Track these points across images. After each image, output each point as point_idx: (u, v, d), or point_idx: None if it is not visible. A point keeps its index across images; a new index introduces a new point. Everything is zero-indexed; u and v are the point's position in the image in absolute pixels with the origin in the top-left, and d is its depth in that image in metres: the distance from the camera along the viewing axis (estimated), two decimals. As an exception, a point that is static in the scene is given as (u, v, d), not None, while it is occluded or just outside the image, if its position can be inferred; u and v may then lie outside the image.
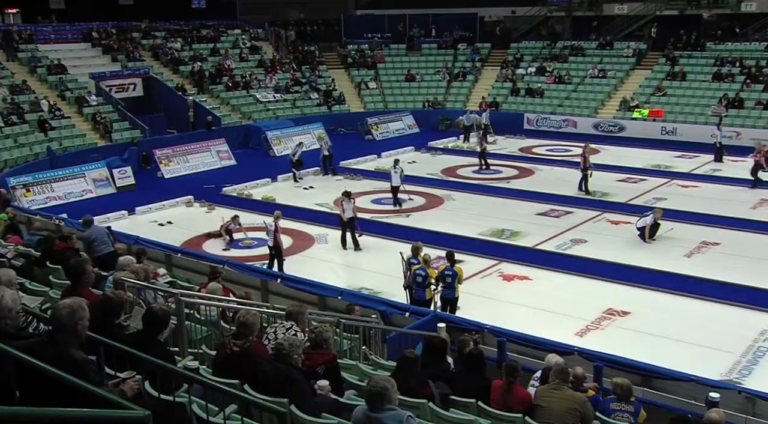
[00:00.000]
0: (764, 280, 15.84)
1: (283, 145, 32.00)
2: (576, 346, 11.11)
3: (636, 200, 22.99)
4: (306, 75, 41.00)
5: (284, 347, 6.25)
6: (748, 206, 22.06)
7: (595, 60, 40.84)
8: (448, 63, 43.67)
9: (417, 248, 14.57)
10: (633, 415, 7.87)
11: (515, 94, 39.95)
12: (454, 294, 13.66)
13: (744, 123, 32.87)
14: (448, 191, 24.40)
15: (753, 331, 13.47)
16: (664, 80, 37.53)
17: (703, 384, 9.73)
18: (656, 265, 17.01)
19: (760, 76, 35.46)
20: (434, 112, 39.09)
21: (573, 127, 35.95)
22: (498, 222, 20.62)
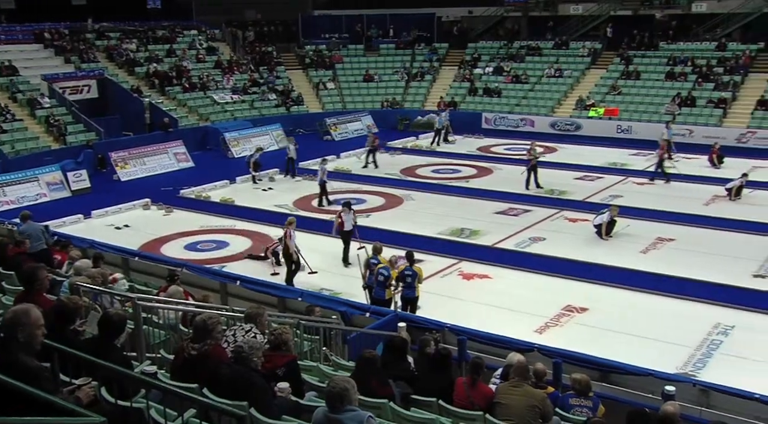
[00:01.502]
0: (717, 274, 16.19)
1: (241, 147, 31.78)
2: (536, 343, 11.20)
3: (593, 198, 23.30)
4: (264, 76, 40.75)
5: (244, 349, 6.21)
6: (701, 203, 22.48)
7: (551, 60, 41.29)
8: (406, 63, 43.79)
9: (377, 248, 14.60)
10: (592, 410, 7.96)
11: (473, 93, 40.19)
12: (415, 294, 13.71)
13: (696, 121, 33.50)
14: (408, 191, 24.46)
15: (707, 324, 13.74)
16: (618, 79, 38.07)
17: (659, 378, 9.88)
18: (613, 261, 17.26)
19: (710, 75, 36.17)
20: (393, 113, 39.16)
21: (530, 127, 36.28)
22: (457, 221, 20.73)
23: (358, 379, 6.37)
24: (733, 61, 36.63)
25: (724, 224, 20.08)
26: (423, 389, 7.57)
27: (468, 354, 10.21)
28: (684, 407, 8.73)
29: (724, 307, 14.60)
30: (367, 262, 14.41)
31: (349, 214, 17.60)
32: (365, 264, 14.43)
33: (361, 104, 40.22)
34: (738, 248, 18.20)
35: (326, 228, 20.10)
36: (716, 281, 15.83)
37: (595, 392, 8.53)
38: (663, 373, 10.30)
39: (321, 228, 20.24)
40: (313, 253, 18.19)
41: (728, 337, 13.31)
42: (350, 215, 17.63)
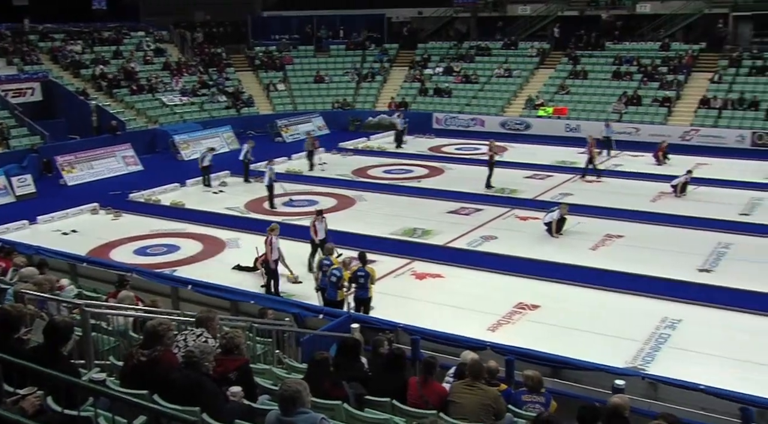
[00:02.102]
0: (664, 269, 16.49)
1: (191, 149, 31.43)
2: (488, 341, 11.31)
3: (543, 196, 23.58)
4: (213, 77, 40.37)
5: (194, 354, 6.13)
6: (648, 199, 22.92)
7: (500, 60, 41.68)
8: (356, 64, 43.78)
9: (329, 249, 14.58)
10: (544, 406, 8.05)
11: (423, 94, 40.37)
12: (368, 294, 13.73)
13: (642, 119, 34.14)
14: (360, 192, 24.45)
15: (655, 318, 14.00)
16: (566, 79, 38.61)
17: (609, 373, 10.06)
18: (564, 258, 17.48)
19: (655, 74, 36.93)
20: (344, 114, 39.11)
21: (481, 126, 36.57)
22: (409, 221, 20.80)
23: (310, 381, 6.35)
24: (677, 60, 37.45)
25: (671, 220, 20.50)
26: (377, 390, 7.57)
27: (421, 353, 10.27)
28: (633, 400, 8.89)
29: (671, 301, 14.88)
30: (319, 263, 14.38)
31: (321, 223, 17.10)
32: (318, 266, 14.39)
33: (312, 105, 40.07)
34: (684, 243, 18.59)
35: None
36: (663, 276, 16.13)
37: (547, 388, 8.63)
38: (613, 367, 10.49)
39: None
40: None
41: (675, 330, 13.58)
42: (323, 224, 17.11)
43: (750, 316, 14.24)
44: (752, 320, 14.06)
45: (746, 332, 13.55)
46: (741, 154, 29.84)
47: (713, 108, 33.83)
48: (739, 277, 16.08)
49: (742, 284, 15.62)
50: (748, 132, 31.77)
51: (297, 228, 19.51)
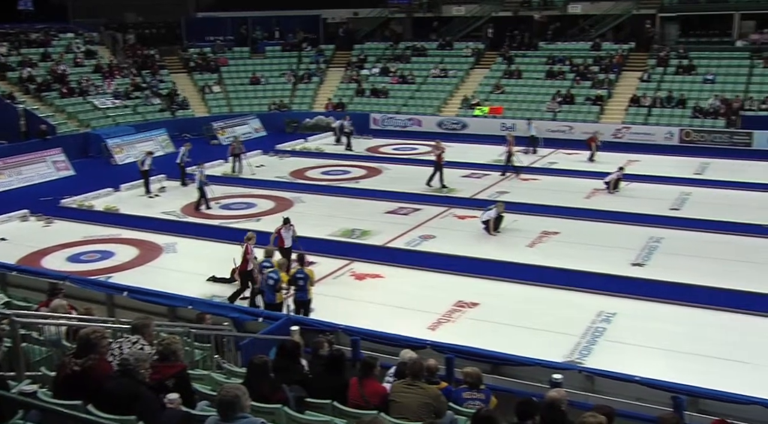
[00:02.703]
0: (599, 264, 16.87)
1: (125, 153, 30.83)
2: (428, 339, 11.36)
3: (480, 195, 23.84)
4: (146, 80, 39.67)
5: (130, 362, 6.02)
6: (582, 196, 23.37)
7: (436, 60, 42.02)
8: (292, 65, 43.58)
9: (269, 251, 14.49)
10: (484, 402, 8.12)
11: (360, 94, 40.42)
12: (307, 296, 13.70)
13: (576, 118, 34.82)
14: (297, 194, 24.33)
15: (591, 313, 14.29)
16: (501, 79, 39.13)
17: (547, 367, 10.20)
18: (502, 256, 17.72)
19: (587, 73, 37.70)
20: (280, 115, 38.85)
21: (418, 126, 36.82)
22: (348, 222, 20.79)
23: (249, 385, 6.29)
24: (608, 60, 38.34)
25: (604, 216, 20.96)
26: (317, 392, 7.55)
27: (362, 354, 10.26)
28: (571, 394, 9.05)
29: (606, 295, 15.22)
30: (258, 266, 14.26)
31: (288, 230, 16.60)
32: (257, 268, 14.27)
33: (248, 107, 39.72)
34: (617, 239, 19.03)
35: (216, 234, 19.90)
36: (598, 271, 16.49)
37: (487, 384, 8.71)
38: (551, 362, 10.66)
39: (211, 234, 19.97)
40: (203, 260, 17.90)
41: (611, 324, 13.88)
42: (290, 232, 16.62)
43: (681, 308, 14.64)
44: (683, 312, 14.46)
45: (678, 323, 13.94)
46: (670, 151, 30.73)
47: (643, 106, 34.73)
48: (671, 270, 16.54)
49: (674, 276, 16.07)
50: (677, 129, 32.71)
51: (234, 231, 19.32)
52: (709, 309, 14.50)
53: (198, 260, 18.14)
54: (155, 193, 24.94)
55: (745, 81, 35.06)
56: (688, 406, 9.26)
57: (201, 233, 20.24)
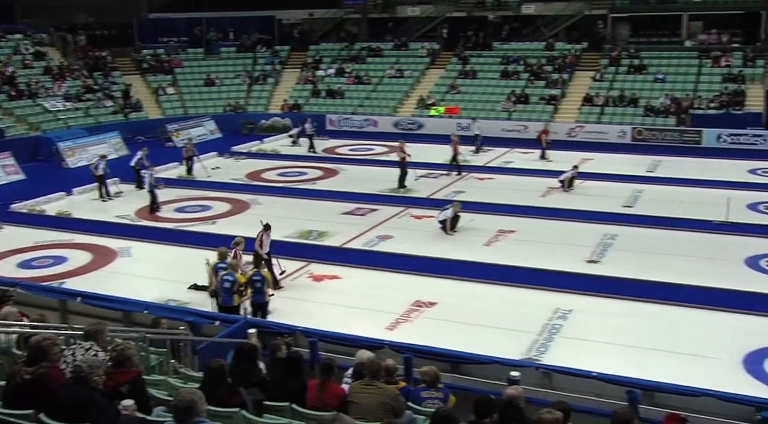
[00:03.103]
0: (554, 262, 17.04)
1: (77, 157, 30.31)
2: (386, 340, 11.37)
3: (437, 195, 23.95)
4: (98, 82, 39.05)
5: (82, 369, 5.92)
6: (537, 195, 23.62)
7: (392, 60, 42.13)
8: (247, 66, 43.31)
9: (223, 253, 14.37)
10: (443, 401, 8.16)
11: (316, 95, 40.33)
12: (264, 298, 13.63)
13: (530, 117, 35.17)
14: (254, 196, 24.17)
15: (547, 310, 14.43)
16: (457, 79, 39.36)
17: (505, 365, 10.28)
18: (458, 255, 17.80)
19: (541, 73, 38.11)
20: (236, 117, 38.59)
21: (374, 127, 36.88)
22: (305, 223, 20.70)
23: (206, 389, 6.24)
24: (561, 60, 38.81)
25: (560, 214, 21.20)
26: (275, 395, 7.50)
27: (320, 356, 10.23)
28: (529, 391, 9.13)
29: (562, 292, 15.37)
30: (213, 268, 14.12)
31: (269, 237, 16.26)
32: (212, 270, 14.13)
33: (203, 109, 39.36)
34: (572, 236, 19.26)
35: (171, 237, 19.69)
36: (554, 269, 16.66)
37: (445, 383, 8.75)
38: (508, 360, 10.75)
39: (166, 237, 19.74)
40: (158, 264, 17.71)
41: (567, 321, 14.03)
42: (269, 239, 16.28)
43: (635, 303, 14.85)
44: (637, 307, 14.68)
45: (632, 318, 14.15)
46: (623, 149, 31.23)
47: (596, 105, 35.23)
48: (625, 266, 16.80)
49: (628, 273, 16.32)
50: (629, 127, 33.26)
51: (189, 234, 19.13)
52: (662, 304, 14.74)
53: (153, 264, 17.93)
54: (113, 197, 24.50)
55: (694, 80, 35.79)
56: (643, 399, 9.40)
57: (156, 237, 20.00)
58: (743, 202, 21.78)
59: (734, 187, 23.24)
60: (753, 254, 17.50)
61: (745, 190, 23.26)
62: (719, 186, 23.70)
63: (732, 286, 15.47)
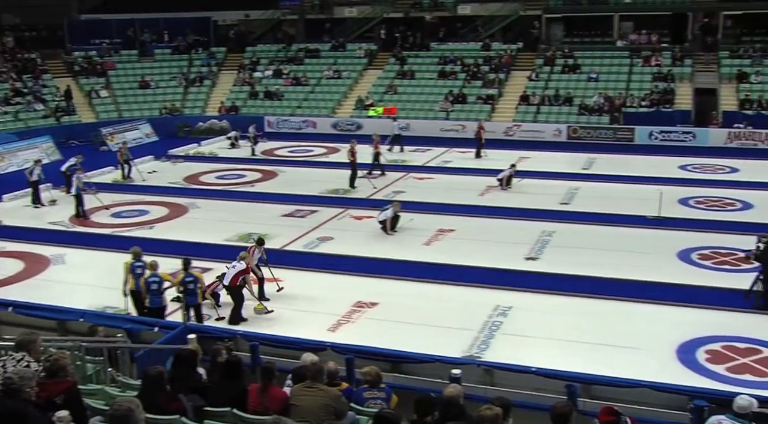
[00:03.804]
0: (494, 260, 17.26)
1: (6, 162, 29.45)
2: (328, 341, 11.36)
3: (376, 195, 23.97)
4: (28, 85, 38.01)
5: (13, 380, 5.74)
6: (476, 193, 23.86)
7: (329, 61, 42.06)
8: (183, 68, 42.70)
9: (137, 252, 14.22)
10: (385, 401, 8.18)
11: (254, 97, 40.01)
12: (197, 300, 13.53)
13: (468, 117, 35.48)
14: (192, 199, 23.85)
15: (488, 307, 14.59)
16: (395, 79, 39.50)
17: (446, 363, 10.37)
18: (399, 255, 17.87)
19: (478, 73, 38.50)
20: (172, 119, 38.02)
21: (313, 128, 36.78)
22: (244, 226, 20.51)
23: (145, 397, 6.13)
24: (497, 60, 39.27)
25: (498, 212, 21.45)
26: (215, 400, 7.42)
27: (261, 359, 10.16)
28: (471, 388, 9.24)
29: (502, 290, 15.56)
30: (128, 267, 13.91)
31: (260, 252, 15.73)
32: (128, 269, 13.90)
33: (138, 112, 38.66)
34: (511, 234, 19.51)
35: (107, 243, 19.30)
36: (494, 266, 16.86)
37: (387, 383, 8.77)
38: (449, 358, 10.85)
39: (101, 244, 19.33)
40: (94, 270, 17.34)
41: (507, 317, 14.21)
42: (260, 254, 15.73)
43: (573, 298, 15.15)
44: (575, 302, 14.97)
45: (570, 314, 14.41)
46: (559, 147, 31.79)
47: (532, 104, 35.75)
48: (563, 262, 17.08)
49: (565, 269, 16.60)
50: (564, 126, 33.83)
51: (126, 240, 18.79)
52: (599, 299, 15.05)
53: (88, 271, 17.54)
54: (46, 204, 23.81)
55: (626, 79, 36.62)
56: (582, 393, 9.59)
57: (91, 243, 19.57)
58: (675, 197, 22.37)
59: (666, 183, 23.82)
60: (684, 248, 17.99)
61: (677, 186, 23.88)
62: (652, 182, 24.27)
63: (665, 279, 15.88)
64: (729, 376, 11.72)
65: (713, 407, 8.73)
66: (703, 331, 13.37)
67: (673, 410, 9.38)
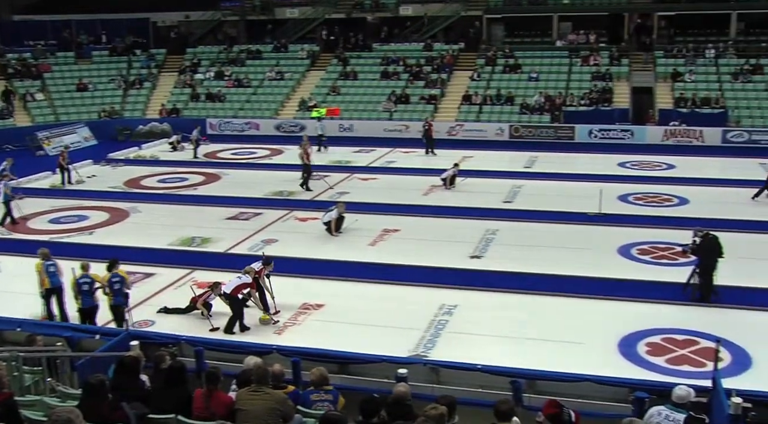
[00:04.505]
0: (439, 259, 17.37)
1: (-63, 168, 28.52)
2: (274, 344, 11.29)
3: (321, 196, 23.91)
4: (-42, 88, 36.94)
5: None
6: (420, 193, 23.98)
7: (272, 63, 41.81)
8: (122, 70, 41.95)
9: (44, 254, 14.15)
10: (332, 402, 8.16)
11: (196, 99, 39.54)
12: (122, 300, 13.44)
13: (411, 117, 35.65)
14: (133, 203, 23.44)
15: (433, 306, 14.65)
16: (337, 80, 39.45)
17: (392, 362, 10.39)
18: (344, 256, 17.85)
19: (421, 73, 38.71)
20: (112, 123, 37.31)
21: (256, 130, 36.52)
22: (187, 230, 20.26)
23: (86, 406, 6.01)
24: (439, 60, 39.52)
25: (442, 212, 21.60)
26: (159, 407, 7.30)
27: (206, 364, 10.04)
28: (418, 387, 9.27)
29: (447, 288, 15.66)
30: (40, 267, 14.02)
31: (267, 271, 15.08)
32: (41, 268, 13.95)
33: (75, 115, 37.81)
34: (456, 233, 19.64)
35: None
36: (439, 265, 16.97)
37: (334, 384, 8.74)
38: (396, 357, 10.87)
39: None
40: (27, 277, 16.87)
41: (453, 316, 14.30)
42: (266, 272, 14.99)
43: (517, 295, 15.32)
44: (520, 299, 15.14)
45: (515, 310, 14.58)
46: (501, 146, 32.19)
47: (474, 104, 36.09)
48: (506, 260, 17.30)
49: (509, 266, 16.82)
50: (506, 125, 34.23)
51: (66, 246, 18.39)
52: (543, 295, 15.27)
53: (25, 279, 17.00)
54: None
55: (565, 78, 37.23)
56: (526, 388, 9.71)
57: (28, 250, 18.96)
58: (614, 194, 22.83)
59: (606, 180, 24.28)
60: (624, 243, 18.36)
61: (616, 183, 24.37)
62: (592, 179, 24.71)
63: (606, 274, 16.20)
64: (669, 367, 12.00)
65: (654, 398, 8.93)
66: (644, 324, 13.67)
67: (615, 403, 9.56)
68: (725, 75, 35.76)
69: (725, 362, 11.77)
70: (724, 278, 14.68)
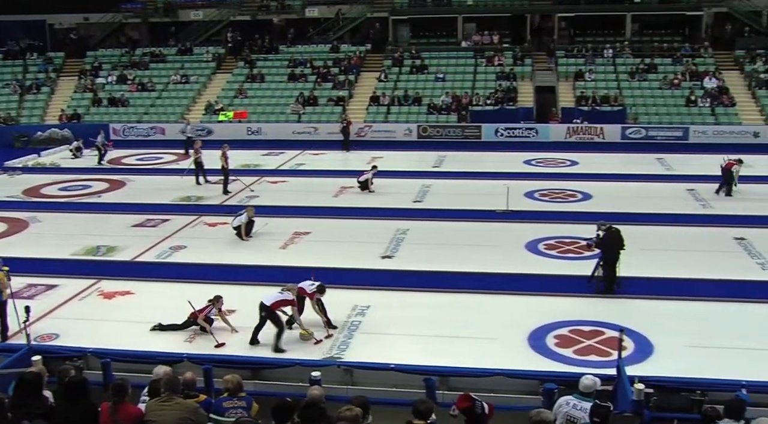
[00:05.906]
0: (351, 260, 17.40)
1: None
2: (185, 353, 11.08)
3: (230, 201, 23.59)
4: None
5: None
6: (330, 195, 23.95)
7: (176, 66, 41.01)
8: (17, 75, 40.37)
9: None
10: (246, 409, 8.06)
11: (97, 104, 38.39)
12: (2, 297, 13.05)
13: (320, 119, 35.59)
14: (33, 213, 22.57)
15: (346, 308, 14.60)
16: (244, 83, 39.01)
17: (306, 366, 10.36)
18: (255, 260, 17.64)
19: (328, 75, 38.68)
20: (7, 129, 35.86)
21: (161, 134, 35.71)
22: (91, 239, 19.63)
23: (-18, 427, 5.73)
24: (347, 61, 39.59)
25: (353, 213, 21.64)
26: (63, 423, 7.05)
27: (114, 377, 9.77)
28: (331, 389, 9.26)
29: (359, 289, 15.65)
30: None
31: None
32: None
33: (-32, 122, 36.24)
34: (366, 233, 19.73)
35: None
36: (350, 266, 16.98)
37: (248, 391, 8.65)
38: (309, 360, 10.86)
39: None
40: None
41: (366, 316, 14.32)
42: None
43: (429, 294, 15.47)
44: (431, 297, 15.29)
45: (427, 308, 14.70)
46: (410, 146, 32.52)
47: (383, 105, 36.30)
48: (417, 259, 17.47)
49: (419, 265, 16.97)
50: (414, 125, 34.57)
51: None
52: (453, 293, 15.46)
53: None
54: None
55: (471, 79, 37.86)
56: (440, 385, 9.84)
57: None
58: (521, 191, 23.35)
59: (512, 178, 24.81)
60: (531, 239, 18.81)
61: (522, 180, 24.95)
62: (499, 177, 25.19)
63: (514, 270, 16.56)
64: (576, 358, 12.34)
65: (562, 388, 9.19)
66: (552, 317, 14.00)
67: (526, 395, 9.79)
68: (623, 74, 37.11)
69: (629, 350, 12.19)
70: (627, 268, 15.19)
